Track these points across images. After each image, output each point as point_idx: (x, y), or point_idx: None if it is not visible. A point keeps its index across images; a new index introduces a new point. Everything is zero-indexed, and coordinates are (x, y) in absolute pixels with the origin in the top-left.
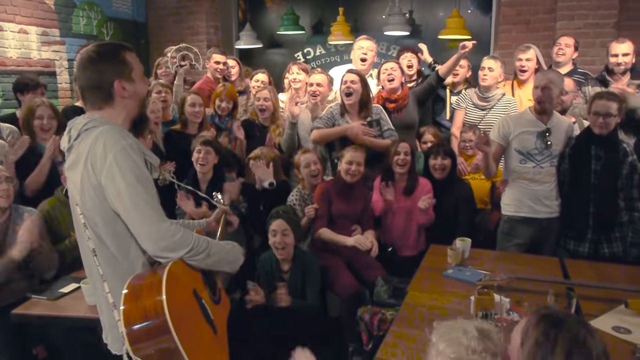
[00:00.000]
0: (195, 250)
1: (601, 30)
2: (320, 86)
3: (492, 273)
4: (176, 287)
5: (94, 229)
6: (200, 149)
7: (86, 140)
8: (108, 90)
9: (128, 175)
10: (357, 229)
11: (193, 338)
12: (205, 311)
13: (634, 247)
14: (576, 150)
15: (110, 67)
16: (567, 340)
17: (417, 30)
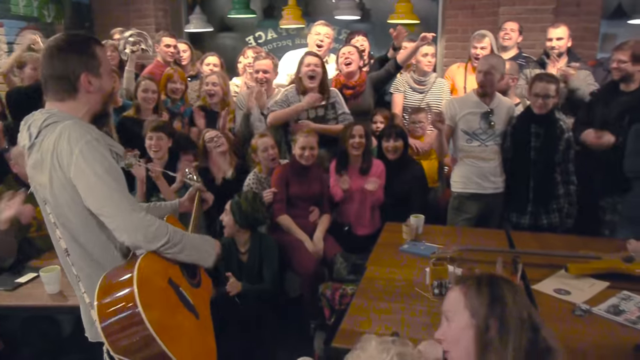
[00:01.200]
0: (171, 242)
1: (541, 15)
2: (267, 72)
3: (445, 246)
4: (149, 280)
5: (66, 228)
6: (152, 135)
7: (49, 138)
8: (73, 83)
9: (97, 169)
10: (315, 211)
11: (172, 328)
12: (184, 298)
13: (569, 218)
14: (517, 128)
15: (79, 59)
16: (509, 289)
17: (367, 15)
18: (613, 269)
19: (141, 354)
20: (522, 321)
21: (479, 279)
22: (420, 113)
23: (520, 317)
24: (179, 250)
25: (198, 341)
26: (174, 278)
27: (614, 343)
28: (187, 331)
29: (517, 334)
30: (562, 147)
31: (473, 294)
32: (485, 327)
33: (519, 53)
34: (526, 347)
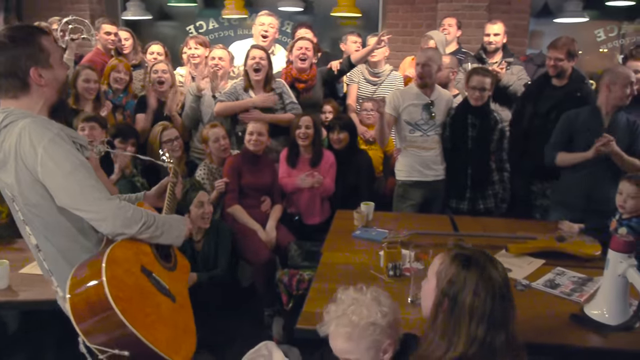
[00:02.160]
0: (147, 224)
1: (476, 12)
2: (222, 60)
3: (395, 231)
4: (118, 270)
5: (35, 224)
6: (84, 125)
7: (9, 139)
8: (23, 79)
9: (65, 166)
10: (267, 200)
11: (146, 314)
12: (159, 284)
13: (504, 202)
14: (455, 119)
15: (26, 54)
16: (474, 276)
17: (310, 7)
18: (548, 247)
19: (117, 342)
20: (472, 310)
21: (457, 255)
22: (369, 101)
23: (472, 305)
24: (153, 231)
25: (174, 324)
26: (146, 265)
27: (553, 314)
28: (162, 316)
29: (464, 321)
30: (496, 137)
31: (445, 265)
32: (439, 301)
33: (458, 48)
34: (472, 336)
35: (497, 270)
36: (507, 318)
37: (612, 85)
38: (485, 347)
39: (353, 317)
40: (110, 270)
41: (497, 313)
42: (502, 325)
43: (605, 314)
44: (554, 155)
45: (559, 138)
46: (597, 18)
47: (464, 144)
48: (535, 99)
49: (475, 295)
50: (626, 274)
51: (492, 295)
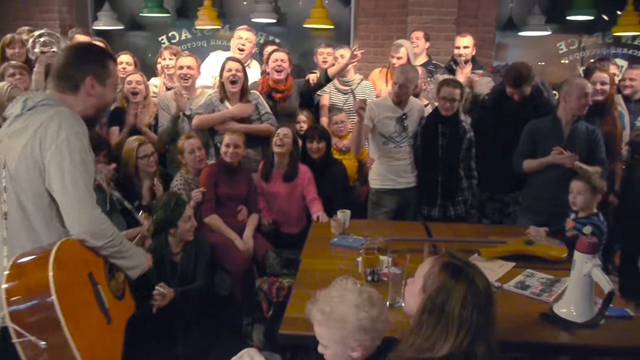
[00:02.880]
0: (112, 242)
1: (444, 25)
2: (191, 69)
3: (372, 237)
4: (66, 264)
5: (18, 196)
6: None
7: (39, 115)
8: (78, 82)
9: (75, 156)
10: (243, 210)
11: (80, 317)
12: (100, 298)
13: (473, 208)
14: (426, 128)
15: (91, 65)
16: (463, 288)
17: (283, 18)
18: (518, 251)
19: (40, 331)
20: (460, 320)
21: (449, 264)
22: (340, 113)
23: (460, 316)
24: (115, 252)
25: (102, 343)
26: (95, 276)
27: (524, 313)
28: (93, 328)
29: (451, 329)
30: (465, 146)
31: (435, 271)
32: (425, 306)
33: (428, 60)
34: (457, 345)
35: (483, 283)
36: (489, 331)
37: (568, 96)
38: (466, 357)
39: (327, 307)
40: (58, 262)
41: (481, 325)
42: (484, 337)
43: (572, 312)
44: (520, 163)
45: (523, 147)
46: (558, 31)
47: (434, 153)
48: (497, 110)
49: (463, 307)
50: (591, 274)
51: (478, 308)
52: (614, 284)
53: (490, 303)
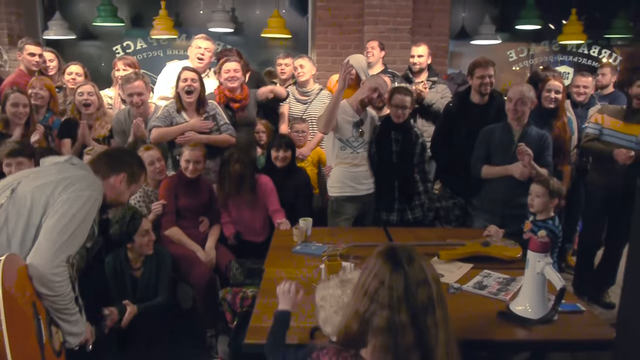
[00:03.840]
0: (56, 299)
1: (400, 34)
2: (141, 95)
3: (334, 244)
4: (18, 281)
5: (8, 214)
6: (10, 162)
7: (76, 170)
8: (111, 174)
9: (82, 213)
10: (205, 221)
11: (19, 333)
12: (40, 330)
13: (430, 211)
14: (380, 135)
15: (129, 165)
16: (389, 270)
17: (240, 28)
18: (475, 252)
19: None
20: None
21: (383, 250)
22: (302, 123)
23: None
24: (57, 310)
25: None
26: (38, 307)
27: (482, 313)
28: (27, 355)
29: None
30: (418, 151)
31: (375, 257)
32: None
33: (384, 69)
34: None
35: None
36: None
37: (509, 102)
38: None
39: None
40: (6, 277)
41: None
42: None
43: (528, 309)
44: (479, 169)
45: (479, 152)
46: (508, 40)
47: (389, 159)
48: (462, 116)
49: (390, 289)
50: (544, 272)
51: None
52: (568, 281)
53: (419, 293)
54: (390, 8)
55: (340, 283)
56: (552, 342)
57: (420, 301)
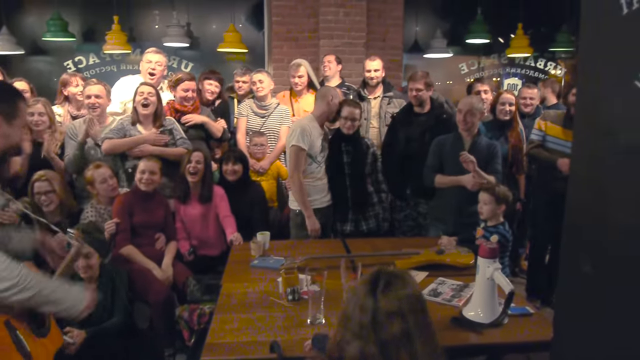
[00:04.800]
0: (20, 287)
1: (355, 48)
2: (99, 97)
3: (292, 257)
4: None
5: None
6: None
7: None
8: None
9: None
10: (161, 237)
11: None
12: (20, 343)
13: (385, 221)
14: (331, 148)
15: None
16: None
17: (196, 43)
18: (430, 261)
19: None
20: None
21: (376, 276)
22: (261, 137)
23: (359, 321)
24: (29, 297)
25: None
26: (12, 320)
27: (437, 319)
28: None
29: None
30: (369, 161)
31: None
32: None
33: (342, 82)
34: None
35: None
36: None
37: (459, 113)
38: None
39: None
40: None
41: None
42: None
43: (479, 313)
44: (432, 178)
45: (432, 161)
46: (459, 53)
47: (341, 170)
48: (406, 127)
49: (362, 312)
50: (493, 277)
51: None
52: (521, 285)
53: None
54: (344, 23)
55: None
56: (502, 345)
57: (392, 333)
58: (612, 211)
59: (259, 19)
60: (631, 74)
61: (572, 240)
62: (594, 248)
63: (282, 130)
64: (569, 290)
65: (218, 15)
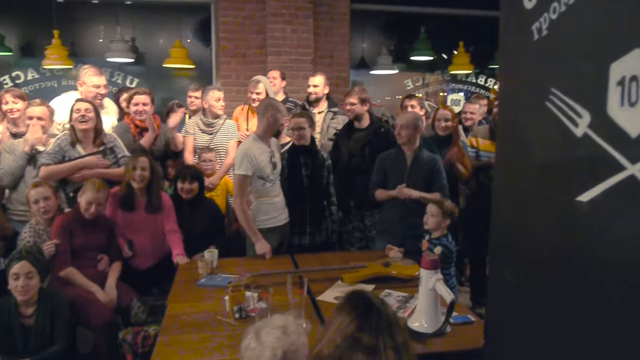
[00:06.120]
0: None
1: (302, 64)
2: (42, 119)
3: (239, 275)
4: None
5: None
6: None
7: None
8: None
9: None
10: (104, 258)
11: None
12: None
13: (334, 234)
14: (289, 161)
15: None
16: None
17: (141, 58)
18: (377, 273)
19: None
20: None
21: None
22: (210, 152)
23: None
24: None
25: None
26: None
27: None
28: None
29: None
30: (326, 174)
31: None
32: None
33: (286, 97)
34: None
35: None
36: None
37: (397, 128)
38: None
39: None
40: None
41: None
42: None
43: (423, 324)
44: (373, 192)
45: (376, 177)
46: (405, 70)
47: (300, 183)
48: (347, 142)
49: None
50: (435, 287)
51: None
52: (467, 294)
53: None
54: (292, 40)
55: (256, 335)
56: (446, 354)
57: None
58: (530, 221)
59: (207, 35)
60: (542, 95)
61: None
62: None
63: (230, 145)
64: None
65: (164, 30)
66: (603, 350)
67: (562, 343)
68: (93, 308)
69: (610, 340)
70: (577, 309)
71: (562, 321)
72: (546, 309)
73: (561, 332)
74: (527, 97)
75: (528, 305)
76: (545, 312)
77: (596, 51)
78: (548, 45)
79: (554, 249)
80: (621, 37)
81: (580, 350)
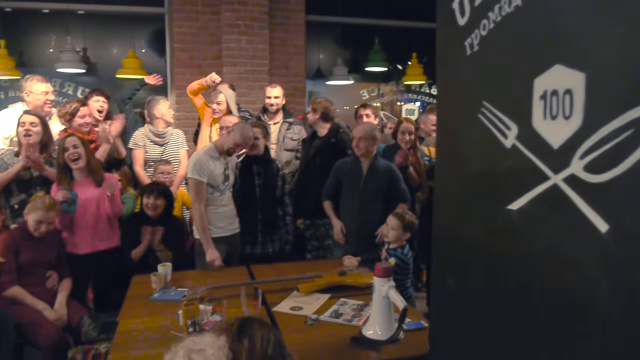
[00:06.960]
0: None
1: (258, 75)
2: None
3: (193, 288)
4: None
5: None
6: None
7: None
8: None
9: None
10: (53, 275)
11: None
12: None
13: (287, 244)
14: (242, 171)
15: None
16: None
17: (93, 68)
18: (332, 282)
19: None
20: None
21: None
22: (167, 164)
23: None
24: None
25: None
26: None
27: (338, 340)
28: None
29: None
30: (280, 183)
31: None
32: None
33: (238, 107)
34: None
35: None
36: None
37: (354, 139)
38: None
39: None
40: None
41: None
42: None
43: (377, 331)
44: (324, 199)
45: (330, 184)
46: (360, 80)
47: (252, 192)
48: (306, 150)
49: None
50: (388, 295)
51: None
52: (423, 300)
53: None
54: (247, 50)
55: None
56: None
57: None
58: (466, 229)
59: (161, 45)
60: (475, 108)
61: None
62: (454, 263)
63: (181, 154)
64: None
65: (117, 40)
66: (533, 352)
67: (500, 346)
68: (41, 328)
69: (538, 341)
70: (509, 313)
71: (497, 326)
72: (482, 314)
73: (498, 336)
74: (462, 110)
75: (467, 311)
76: (481, 317)
77: (522, 67)
78: (479, 60)
79: (488, 256)
80: (543, 53)
81: (515, 353)
